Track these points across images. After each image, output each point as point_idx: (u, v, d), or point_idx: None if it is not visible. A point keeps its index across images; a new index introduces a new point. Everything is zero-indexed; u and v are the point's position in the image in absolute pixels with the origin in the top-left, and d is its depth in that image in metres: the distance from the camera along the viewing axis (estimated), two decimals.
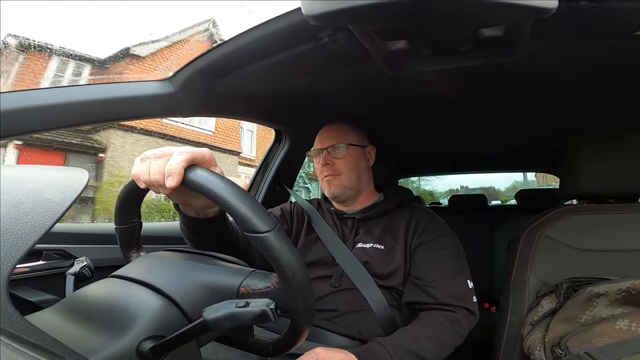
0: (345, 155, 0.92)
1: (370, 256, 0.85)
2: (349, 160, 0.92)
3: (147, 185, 0.45)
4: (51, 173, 0.38)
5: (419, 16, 0.50)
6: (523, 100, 0.99)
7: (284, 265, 0.39)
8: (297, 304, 0.41)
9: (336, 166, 0.92)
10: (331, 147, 0.92)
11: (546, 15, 0.46)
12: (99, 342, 0.35)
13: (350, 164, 0.92)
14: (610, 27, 0.58)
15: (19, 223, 0.30)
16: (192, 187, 0.41)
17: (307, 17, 0.49)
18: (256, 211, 0.39)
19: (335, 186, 0.92)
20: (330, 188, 0.92)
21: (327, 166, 0.92)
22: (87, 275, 0.53)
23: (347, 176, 0.92)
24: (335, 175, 0.92)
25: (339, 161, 0.92)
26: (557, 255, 0.81)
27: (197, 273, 0.44)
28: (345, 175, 0.92)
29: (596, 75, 0.81)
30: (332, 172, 0.92)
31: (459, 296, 0.80)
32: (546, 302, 0.76)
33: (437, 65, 0.69)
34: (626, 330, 0.65)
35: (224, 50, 0.67)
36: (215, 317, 0.36)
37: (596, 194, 0.86)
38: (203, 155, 0.44)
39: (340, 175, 0.92)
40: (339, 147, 0.92)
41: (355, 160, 0.93)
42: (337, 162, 0.92)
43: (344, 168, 0.92)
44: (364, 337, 0.78)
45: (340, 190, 0.92)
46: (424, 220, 0.89)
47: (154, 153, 0.44)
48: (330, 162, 0.92)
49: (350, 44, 0.61)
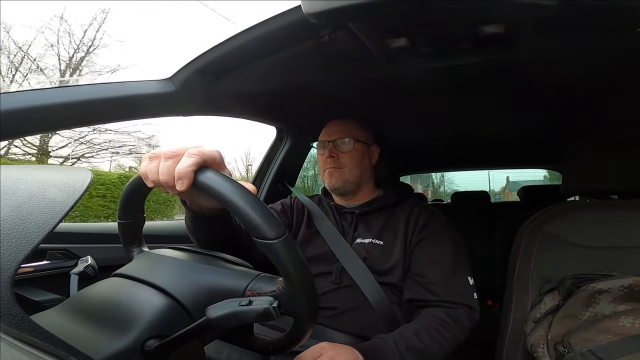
0: (351, 150, 0.92)
1: (369, 252, 0.85)
2: (354, 155, 0.92)
3: (156, 185, 0.44)
4: (54, 173, 0.39)
5: (420, 14, 0.49)
6: (524, 97, 0.99)
7: (292, 272, 0.39)
8: (301, 307, 0.41)
9: (340, 159, 0.92)
10: (339, 140, 0.92)
11: (547, 13, 0.45)
12: (103, 341, 0.35)
13: (354, 158, 0.92)
14: (610, 24, 0.57)
15: (23, 223, 0.30)
16: (202, 190, 0.41)
17: (308, 15, 0.49)
18: (266, 218, 0.39)
19: (337, 178, 0.92)
20: (332, 180, 0.92)
21: (332, 159, 0.92)
22: (91, 275, 0.54)
23: (350, 170, 0.92)
24: (338, 168, 0.92)
25: (344, 155, 0.92)
26: (560, 252, 0.81)
27: (202, 274, 0.44)
28: (348, 170, 0.92)
29: (597, 71, 0.81)
30: (336, 165, 0.92)
31: (460, 293, 0.81)
32: (549, 299, 0.76)
33: (438, 63, 0.69)
34: (630, 327, 0.65)
35: (224, 49, 0.67)
36: (219, 315, 0.37)
37: (599, 190, 0.85)
38: (214, 157, 0.43)
39: (343, 168, 0.92)
40: (346, 141, 0.92)
41: (360, 157, 0.93)
42: (341, 156, 0.92)
43: (348, 162, 0.92)
44: (365, 334, 0.79)
45: (341, 183, 0.92)
46: (424, 216, 0.89)
47: (164, 153, 0.43)
48: (335, 155, 0.92)
49: (351, 42, 0.61)
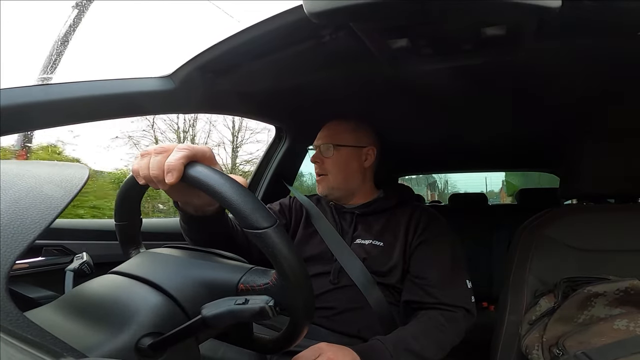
0: (332, 156, 0.92)
1: (369, 253, 0.85)
2: (336, 161, 0.92)
3: (147, 181, 0.45)
4: (51, 169, 0.38)
5: (421, 14, 0.49)
6: (524, 99, 0.99)
7: (283, 261, 0.39)
8: (296, 301, 0.41)
9: (325, 165, 0.92)
10: (322, 146, 0.93)
11: (549, 14, 0.45)
12: (98, 338, 0.35)
13: (338, 164, 0.91)
14: (612, 26, 0.58)
15: (19, 219, 0.30)
16: (192, 182, 0.41)
17: (309, 15, 0.49)
18: (255, 207, 0.39)
19: (323, 186, 0.93)
20: (319, 188, 0.94)
21: (317, 164, 0.93)
22: (86, 272, 0.53)
23: (334, 177, 0.91)
24: (323, 175, 0.92)
25: (328, 160, 0.92)
26: (556, 255, 0.81)
27: (196, 269, 0.44)
28: (333, 176, 0.91)
29: (598, 75, 0.81)
30: (321, 171, 0.93)
31: (458, 296, 0.81)
32: (544, 301, 0.76)
33: (439, 64, 0.69)
34: (624, 330, 0.65)
35: (225, 47, 0.67)
36: (214, 314, 0.36)
37: (596, 193, 0.86)
38: (204, 152, 0.44)
39: (328, 175, 0.92)
40: (328, 147, 0.92)
41: (344, 161, 0.92)
42: (325, 161, 0.92)
43: (331, 168, 0.92)
44: (362, 335, 0.79)
45: (328, 190, 0.92)
46: (424, 219, 0.89)
47: (155, 149, 0.44)
48: (320, 161, 0.93)
49: (352, 42, 0.61)
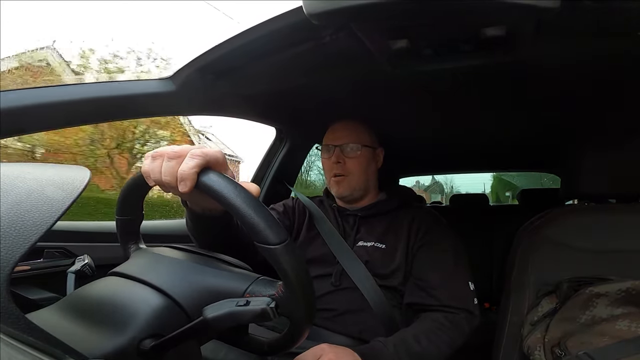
0: (358, 155, 0.90)
1: (371, 255, 0.85)
2: (361, 161, 0.90)
3: (158, 184, 0.44)
4: (53, 171, 0.38)
5: (421, 15, 0.50)
6: (524, 100, 0.99)
7: (292, 278, 0.39)
8: (299, 312, 0.41)
9: (347, 166, 0.90)
10: (346, 145, 0.90)
11: (549, 15, 0.45)
12: (99, 340, 0.35)
13: (362, 164, 0.90)
14: (612, 27, 0.57)
15: (21, 221, 0.30)
16: (205, 191, 0.40)
17: (309, 16, 0.49)
18: (269, 223, 0.38)
19: (344, 187, 0.90)
20: (339, 189, 0.91)
21: (338, 165, 0.90)
22: (88, 274, 0.53)
23: (357, 178, 0.90)
24: (344, 175, 0.90)
25: (351, 161, 0.90)
26: (558, 255, 0.81)
27: (201, 275, 0.44)
28: (355, 177, 0.90)
29: (598, 75, 0.81)
30: (342, 172, 0.90)
31: (460, 298, 0.80)
32: (546, 302, 0.76)
33: (438, 65, 0.69)
34: (626, 330, 0.65)
35: (225, 49, 0.67)
36: (216, 315, 0.37)
37: (597, 194, 0.86)
38: (217, 158, 0.43)
39: (350, 176, 0.90)
40: (353, 147, 0.89)
41: (367, 162, 0.91)
42: (348, 162, 0.90)
43: (355, 169, 0.89)
44: (364, 336, 0.78)
45: (349, 191, 0.91)
46: (427, 221, 0.88)
47: (167, 153, 0.42)
48: (342, 161, 0.90)
49: (352, 42, 0.61)
